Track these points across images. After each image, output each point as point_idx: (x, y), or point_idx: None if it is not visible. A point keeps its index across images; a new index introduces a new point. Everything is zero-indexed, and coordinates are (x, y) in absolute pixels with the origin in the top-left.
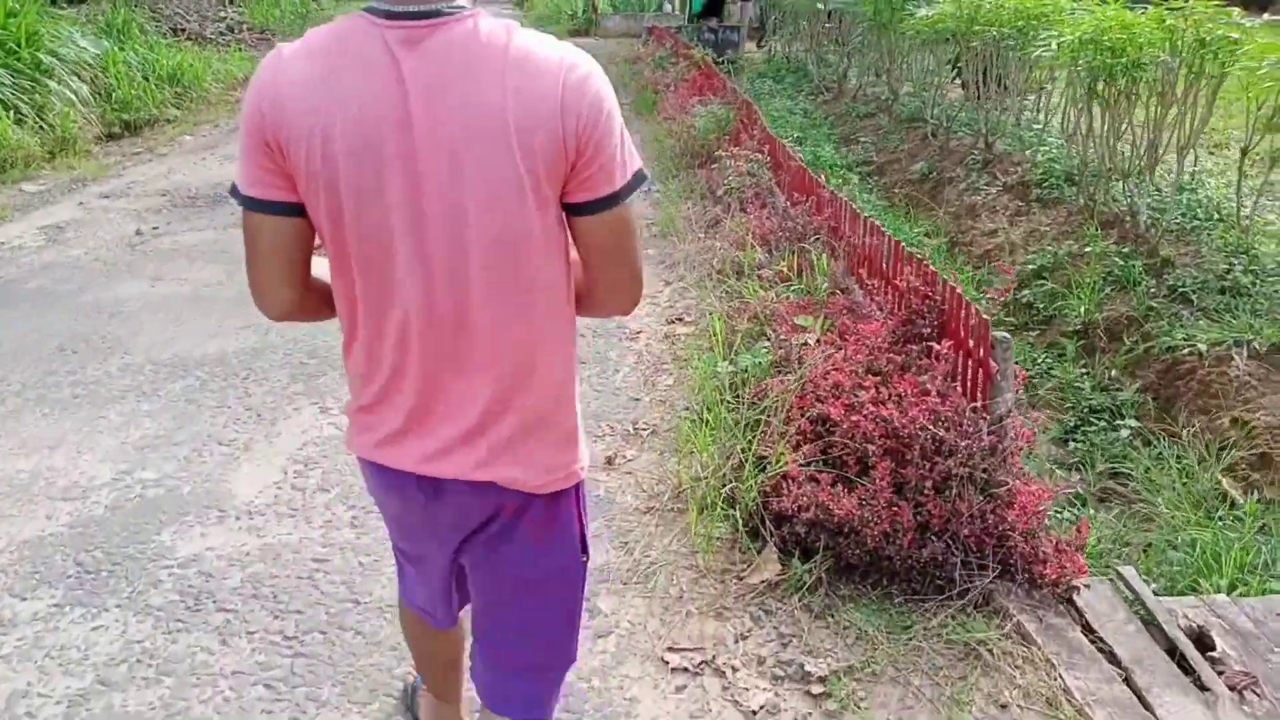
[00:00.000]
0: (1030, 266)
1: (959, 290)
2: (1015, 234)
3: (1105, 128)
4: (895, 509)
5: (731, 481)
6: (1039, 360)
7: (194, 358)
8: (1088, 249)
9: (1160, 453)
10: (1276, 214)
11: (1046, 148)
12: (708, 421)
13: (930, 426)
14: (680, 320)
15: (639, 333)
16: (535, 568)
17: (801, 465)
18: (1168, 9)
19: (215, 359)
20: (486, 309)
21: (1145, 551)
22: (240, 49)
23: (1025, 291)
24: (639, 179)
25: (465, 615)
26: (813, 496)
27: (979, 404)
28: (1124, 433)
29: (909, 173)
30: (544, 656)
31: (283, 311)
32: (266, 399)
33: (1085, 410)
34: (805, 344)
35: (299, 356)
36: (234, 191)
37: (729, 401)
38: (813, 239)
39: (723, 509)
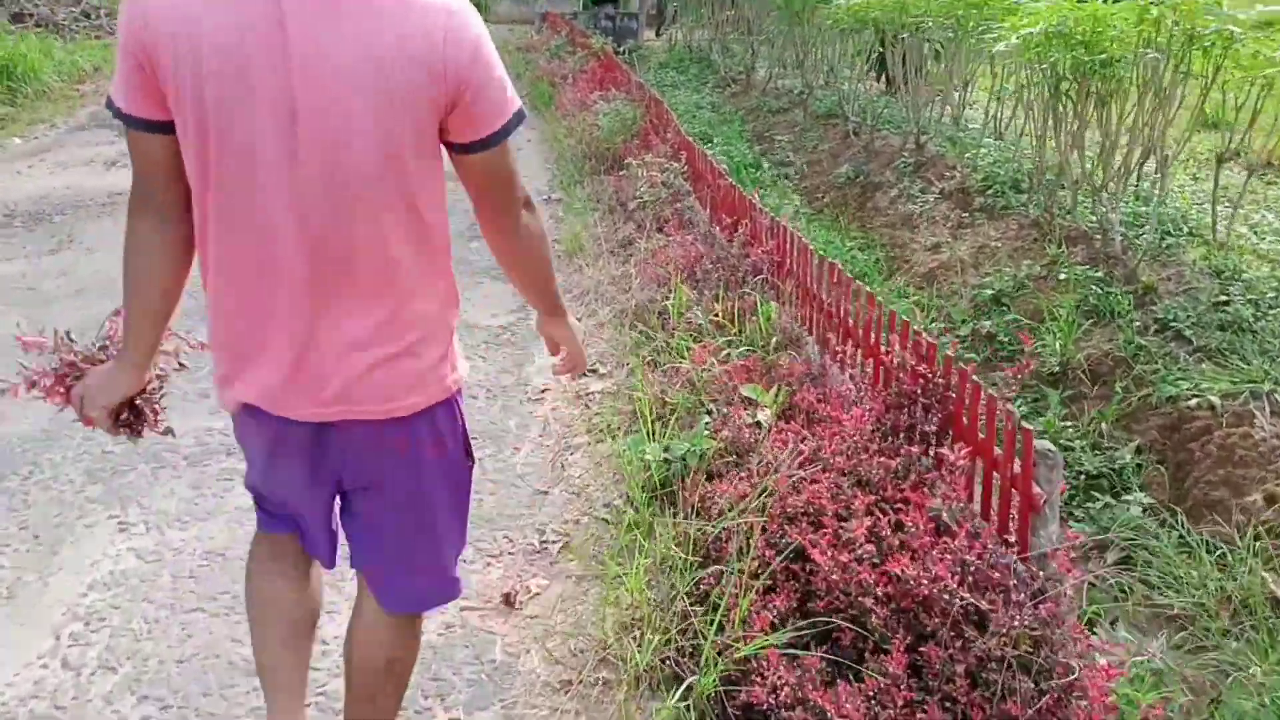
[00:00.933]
0: (987, 291)
1: (970, 373)
2: (962, 249)
3: (1069, 133)
4: (920, 713)
5: (676, 640)
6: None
7: None
8: (1054, 271)
9: (1181, 536)
10: (1249, 228)
11: (986, 150)
12: (637, 538)
13: (960, 590)
14: (594, 372)
15: (544, 391)
16: (421, 481)
17: (774, 634)
18: (1151, 1)
19: None
20: (357, 238)
21: (1214, 711)
22: (95, 37)
23: (985, 321)
24: (518, 119)
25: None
26: (797, 689)
27: (1012, 539)
28: (1135, 509)
29: (833, 175)
30: (427, 556)
31: (146, 232)
32: (50, 510)
33: (1081, 478)
34: (757, 423)
35: (100, 443)
36: (109, 104)
37: (663, 502)
38: (752, 277)
39: (666, 693)
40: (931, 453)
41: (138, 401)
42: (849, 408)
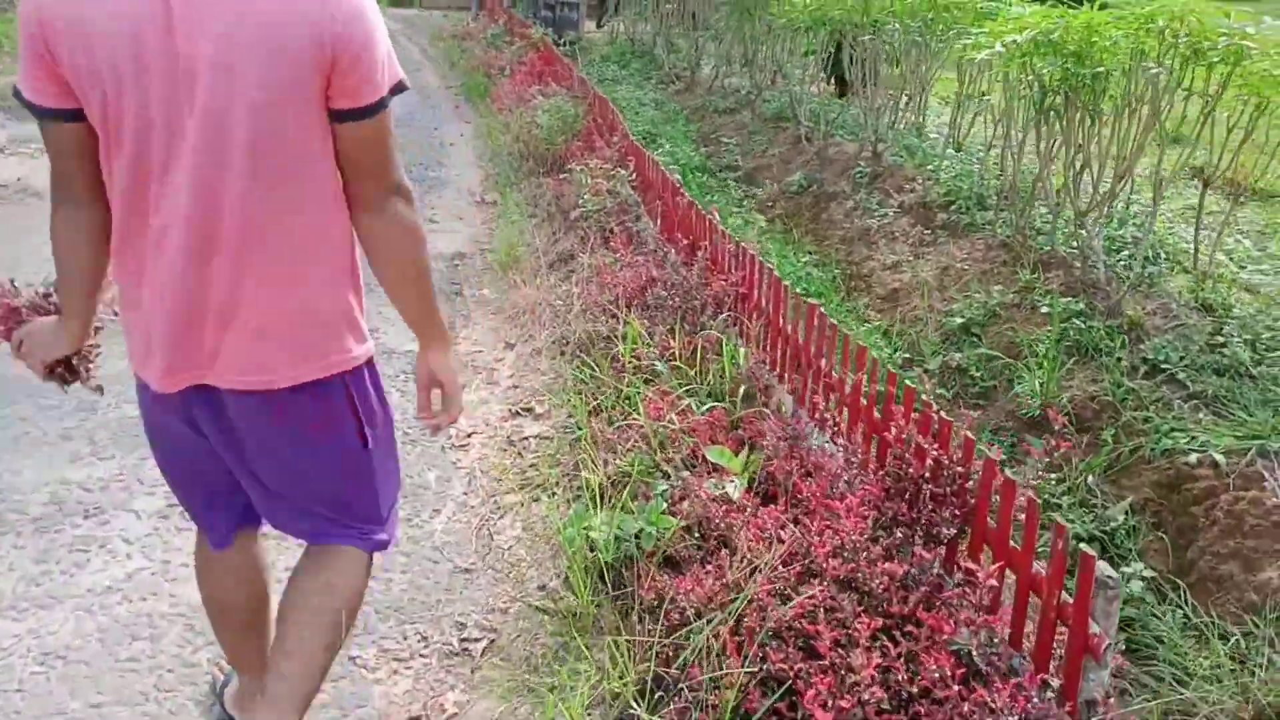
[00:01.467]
0: (956, 319)
1: (996, 460)
2: (925, 270)
3: (1048, 149)
4: None
5: None
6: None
7: None
8: (1027, 299)
9: (1186, 616)
10: (1225, 254)
11: (948, 163)
12: (578, 639)
13: None
14: (529, 411)
15: (470, 435)
16: (304, 450)
17: None
18: (1157, 7)
19: None
20: (247, 208)
21: None
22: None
23: (955, 353)
24: (396, 90)
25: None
26: None
27: (1053, 679)
28: (1135, 585)
29: (784, 183)
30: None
31: (65, 217)
32: None
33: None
34: (726, 496)
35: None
36: (16, 94)
37: (612, 587)
38: (713, 311)
39: None
40: (942, 554)
41: (73, 359)
42: (836, 486)
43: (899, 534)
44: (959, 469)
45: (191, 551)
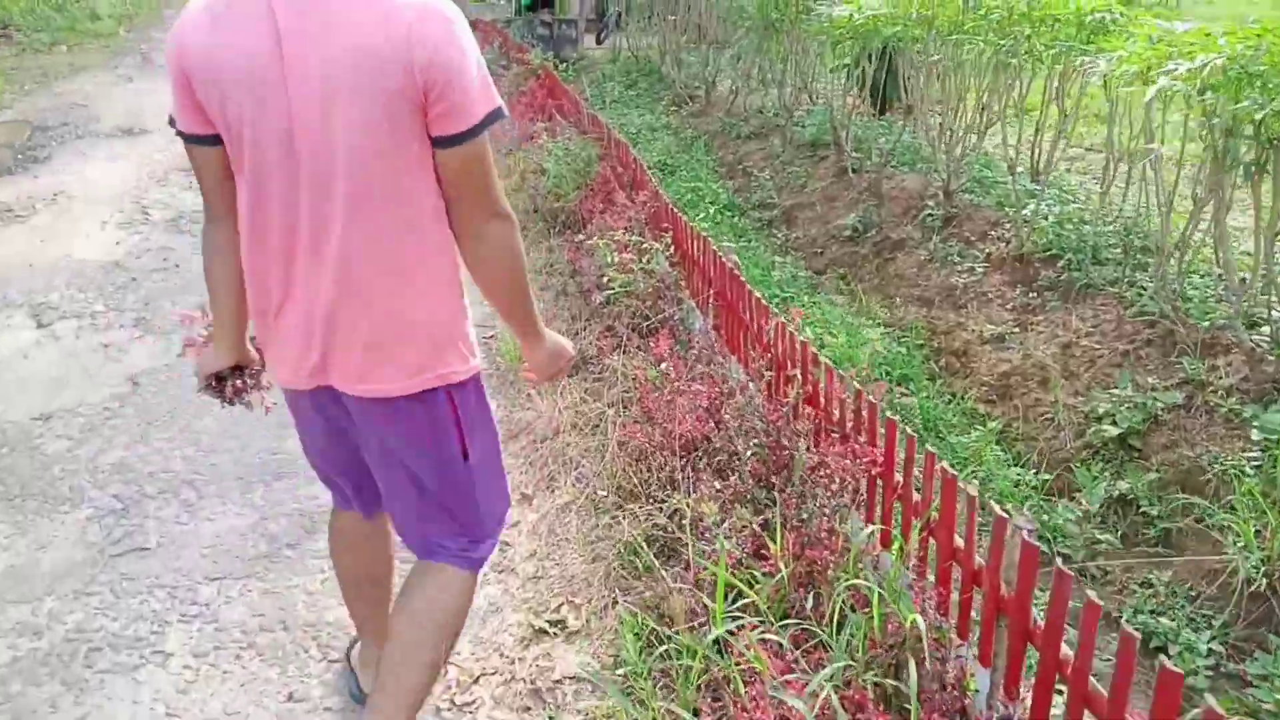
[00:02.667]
0: (1108, 427)
1: None
2: (1039, 345)
3: (1225, 204)
4: None
5: None
6: (1196, 664)
7: None
8: (1198, 399)
9: None
10: None
11: (1045, 205)
12: None
13: None
14: (560, 626)
15: (477, 682)
16: (409, 450)
17: None
18: None
19: None
20: (348, 230)
21: None
22: None
23: (1119, 481)
24: (491, 119)
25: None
26: None
27: None
28: None
29: (833, 226)
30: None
31: (208, 235)
32: None
33: None
34: None
35: None
36: (170, 122)
37: None
38: (825, 493)
39: None
40: None
41: (232, 375)
42: None
43: None
44: None
45: None
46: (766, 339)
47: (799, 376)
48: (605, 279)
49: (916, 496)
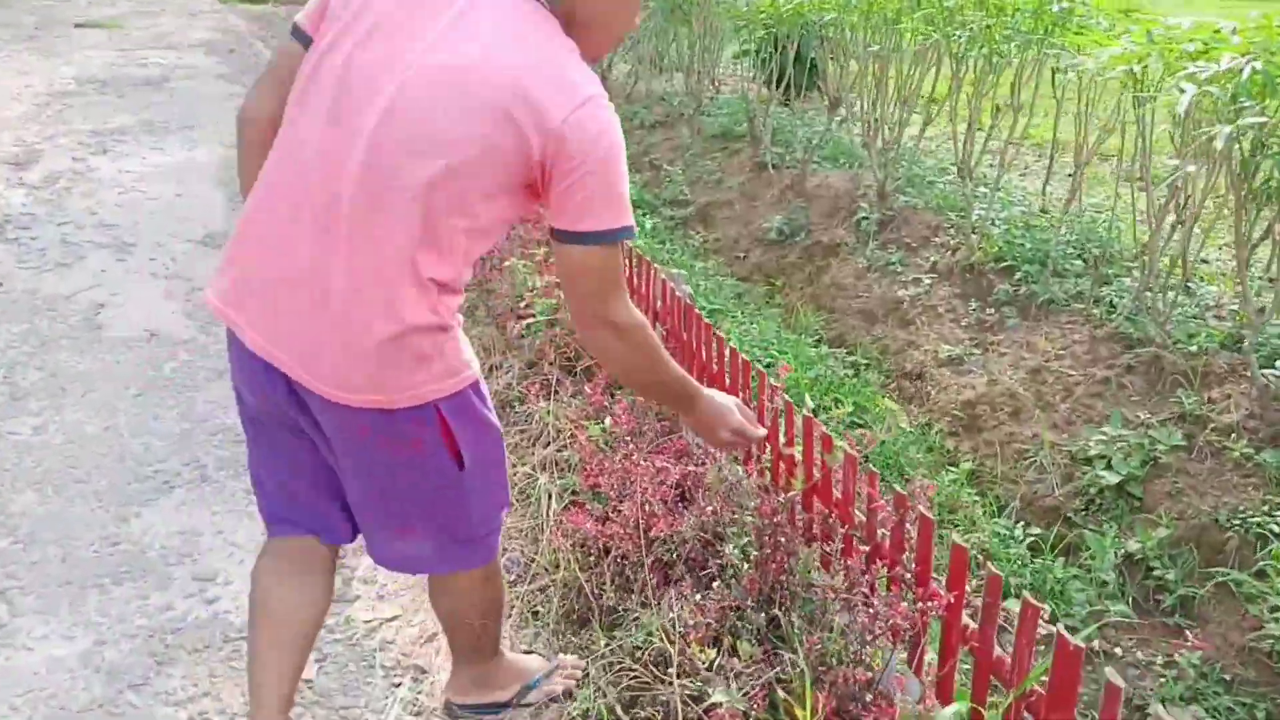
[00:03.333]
0: (1104, 476)
1: None
2: (1004, 370)
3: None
4: None
5: None
6: None
7: None
8: (1198, 438)
9: None
10: None
11: (989, 207)
12: None
13: None
14: None
15: None
16: (391, 466)
17: None
18: None
19: None
20: (388, 228)
21: None
22: None
23: (1128, 541)
24: (606, 236)
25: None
26: None
27: None
28: None
29: (755, 227)
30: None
31: (249, 107)
32: None
33: None
34: None
35: None
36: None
37: None
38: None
39: None
40: None
41: None
42: None
43: None
44: None
45: None
46: (732, 384)
47: (798, 456)
48: (525, 304)
49: (999, 653)
